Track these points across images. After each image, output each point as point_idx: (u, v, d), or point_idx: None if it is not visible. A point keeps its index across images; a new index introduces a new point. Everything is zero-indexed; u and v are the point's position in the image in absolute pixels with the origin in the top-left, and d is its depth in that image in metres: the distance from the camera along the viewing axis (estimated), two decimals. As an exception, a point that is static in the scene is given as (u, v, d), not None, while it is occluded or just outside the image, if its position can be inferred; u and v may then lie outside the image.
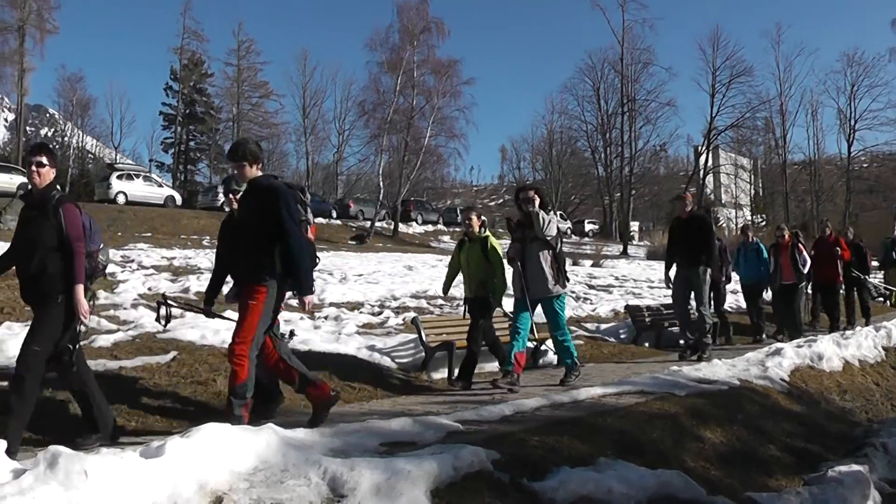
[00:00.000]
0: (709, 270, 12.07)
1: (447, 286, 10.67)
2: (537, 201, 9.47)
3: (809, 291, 18.29)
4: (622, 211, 67.89)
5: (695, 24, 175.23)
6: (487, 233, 10.17)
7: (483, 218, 10.41)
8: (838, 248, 16.92)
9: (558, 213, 68.62)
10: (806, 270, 15.74)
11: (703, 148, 69.85)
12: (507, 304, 10.43)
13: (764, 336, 15.92)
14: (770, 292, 16.57)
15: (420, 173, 61.86)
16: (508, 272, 9.85)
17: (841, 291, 18.38)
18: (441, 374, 10.49)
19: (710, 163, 71.34)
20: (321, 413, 6.83)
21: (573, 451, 6.01)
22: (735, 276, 16.66)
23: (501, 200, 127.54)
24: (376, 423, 6.28)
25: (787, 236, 16.00)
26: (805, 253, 15.59)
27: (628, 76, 67.22)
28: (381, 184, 57.15)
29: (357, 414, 7.58)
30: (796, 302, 15.36)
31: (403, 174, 58.18)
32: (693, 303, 12.31)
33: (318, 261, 7.45)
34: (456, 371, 10.29)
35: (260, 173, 6.75)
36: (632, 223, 70.45)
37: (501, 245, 10.23)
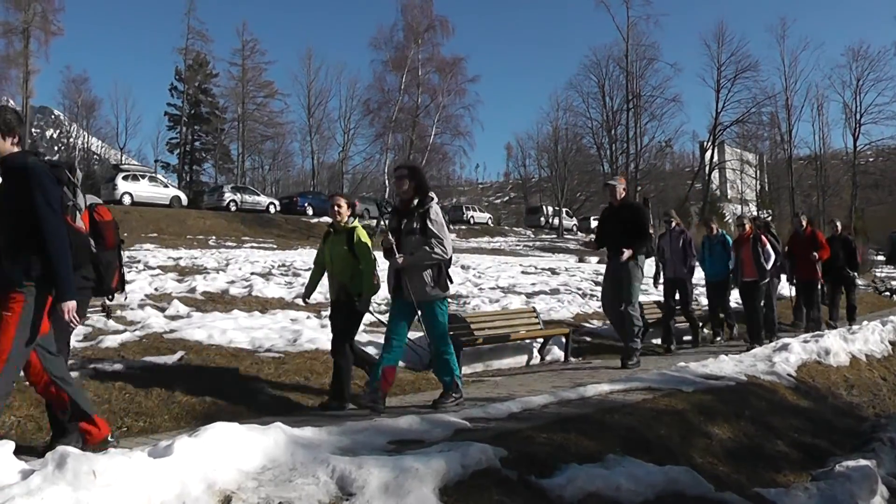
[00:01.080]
0: (639, 264, 10.96)
1: (310, 290, 8.97)
2: (407, 184, 8.07)
3: (784, 292, 18.22)
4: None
5: (699, 20, 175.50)
6: (356, 223, 8.56)
7: (356, 203, 9.39)
8: (815, 254, 15.96)
9: (564, 210, 68.88)
10: (770, 266, 13.77)
11: (709, 143, 69.77)
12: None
13: (722, 336, 15.32)
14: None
15: (426, 171, 61.68)
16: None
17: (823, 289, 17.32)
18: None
19: (715, 158, 71.26)
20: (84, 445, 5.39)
21: (581, 448, 6.02)
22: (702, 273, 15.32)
23: (507, 198, 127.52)
24: (384, 421, 6.29)
25: (748, 228, 14.21)
26: (769, 247, 13.86)
27: (633, 72, 66.98)
28: (387, 182, 57.15)
29: (364, 412, 7.58)
30: (757, 300, 13.71)
31: (409, 172, 58.16)
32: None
33: (94, 252, 6.25)
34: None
35: (16, 149, 5.43)
36: (647, 222, 70.09)
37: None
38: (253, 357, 9.59)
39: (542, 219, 72.68)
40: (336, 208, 8.38)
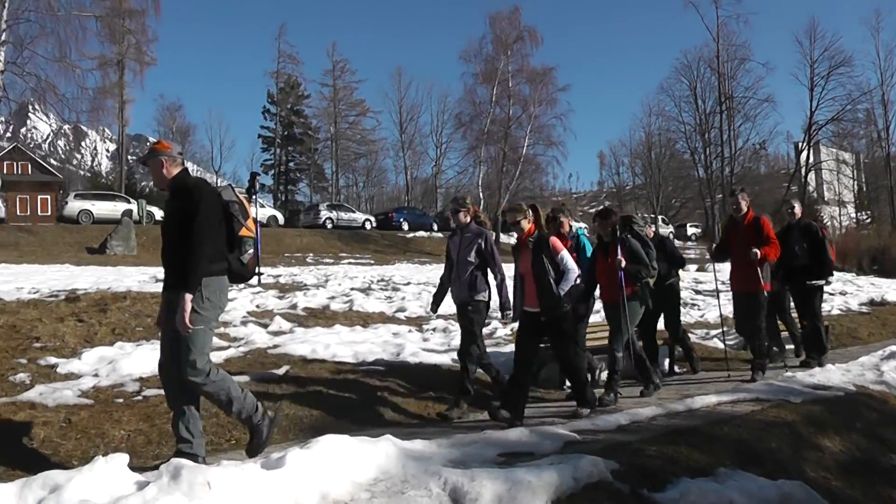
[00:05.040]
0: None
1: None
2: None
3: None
4: (724, 213, 65.98)
5: (790, 16, 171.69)
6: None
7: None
8: (756, 251, 10.34)
9: (659, 217, 67.95)
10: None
11: (804, 144, 68.04)
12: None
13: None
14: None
15: (519, 183, 61.70)
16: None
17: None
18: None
19: (811, 159, 69.43)
20: None
21: (692, 462, 5.91)
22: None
23: (601, 207, 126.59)
24: (493, 433, 6.26)
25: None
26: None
27: (725, 73, 65.47)
28: (481, 195, 57.19)
29: (473, 424, 7.55)
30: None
31: (502, 185, 58.21)
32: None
33: None
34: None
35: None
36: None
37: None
38: (357, 371, 9.65)
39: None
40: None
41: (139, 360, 9.33)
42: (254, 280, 6.66)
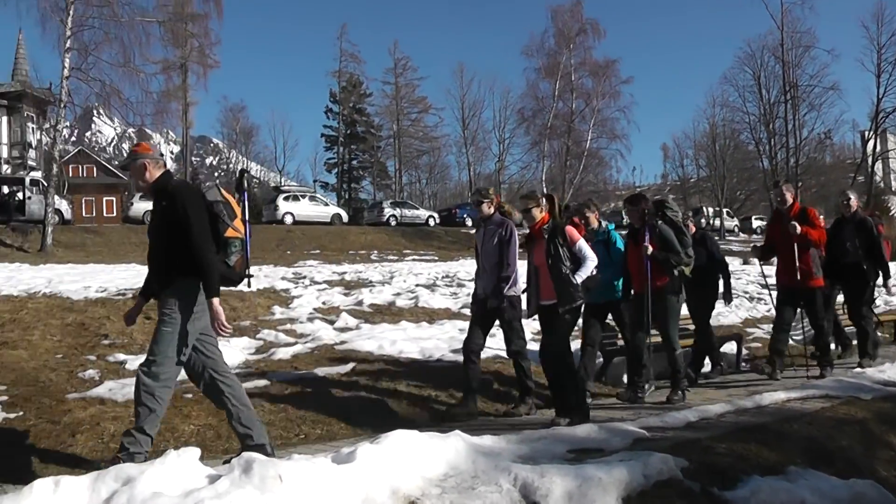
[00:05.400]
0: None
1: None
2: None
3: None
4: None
5: (856, 1, 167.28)
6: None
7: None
8: (795, 224, 9.69)
9: (724, 210, 67.05)
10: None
11: (871, 133, 66.34)
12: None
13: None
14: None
15: (583, 177, 61.40)
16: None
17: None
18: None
19: (878, 148, 67.69)
20: None
21: (761, 460, 5.84)
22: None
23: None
24: (562, 429, 6.24)
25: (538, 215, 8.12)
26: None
27: (789, 62, 63.90)
28: (545, 190, 56.95)
29: (540, 420, 7.52)
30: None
31: (566, 179, 57.97)
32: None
33: None
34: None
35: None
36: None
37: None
38: (423, 366, 9.66)
39: (703, 220, 70.87)
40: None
41: (208, 355, 9.43)
42: (246, 282, 6.30)
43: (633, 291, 9.10)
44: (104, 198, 58.65)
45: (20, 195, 35.00)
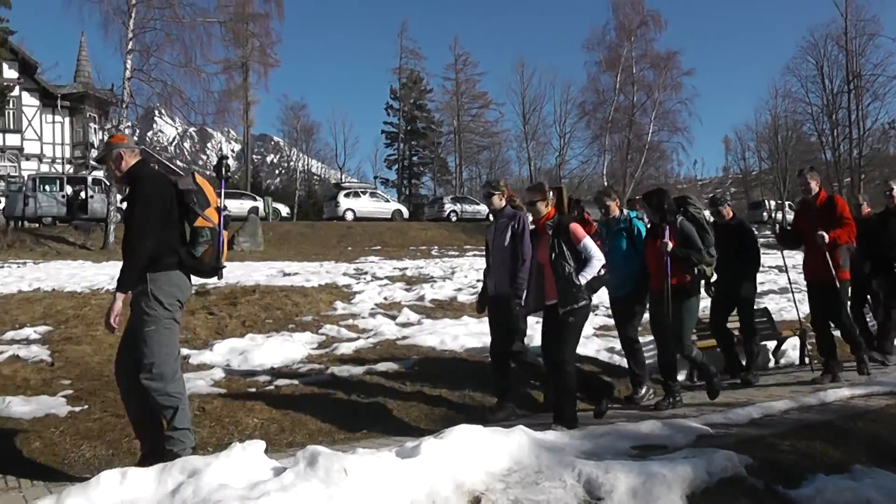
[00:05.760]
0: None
1: None
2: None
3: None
4: (852, 197, 62.94)
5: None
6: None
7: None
8: (823, 234, 9.09)
9: (786, 203, 66.02)
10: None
11: (937, 123, 64.97)
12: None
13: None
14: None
15: (644, 171, 61.03)
16: None
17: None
18: (681, 376, 10.03)
19: (944, 138, 66.21)
20: None
21: (826, 457, 5.73)
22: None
23: (728, 193, 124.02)
24: (625, 425, 6.17)
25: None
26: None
27: (853, 50, 62.89)
28: (606, 184, 56.60)
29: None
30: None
31: (627, 173, 57.69)
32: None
33: None
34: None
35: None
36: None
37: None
38: (486, 361, 9.58)
39: (765, 213, 69.88)
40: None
41: (270, 351, 9.52)
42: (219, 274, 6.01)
43: (651, 291, 8.61)
44: (166, 196, 59.46)
45: (83, 194, 35.61)
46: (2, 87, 40.44)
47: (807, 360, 11.13)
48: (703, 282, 8.78)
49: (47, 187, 36.09)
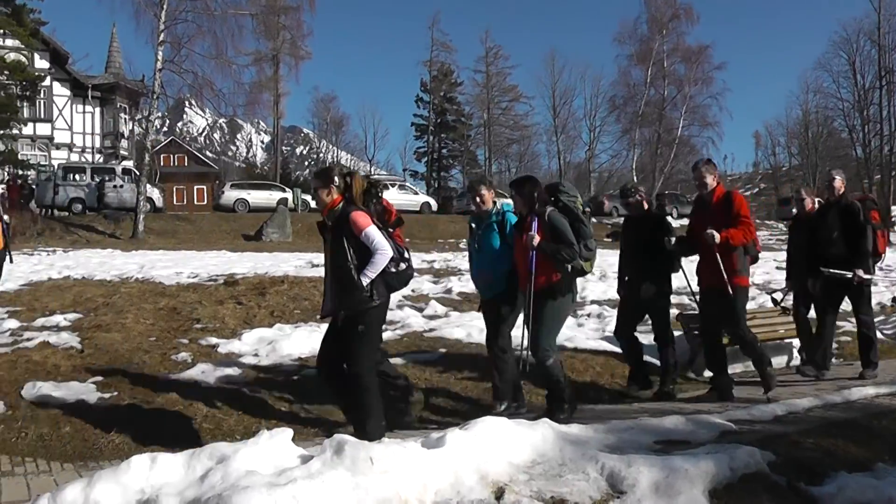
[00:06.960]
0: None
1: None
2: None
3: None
4: (882, 194, 61.72)
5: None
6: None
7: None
8: (712, 233, 7.99)
9: (816, 199, 65.26)
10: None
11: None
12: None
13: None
14: None
15: (673, 165, 60.72)
16: None
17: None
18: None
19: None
20: None
21: (849, 455, 5.68)
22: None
23: (757, 189, 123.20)
24: (648, 420, 6.18)
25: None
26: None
27: (885, 46, 62.22)
28: (635, 178, 56.41)
29: (627, 411, 7.49)
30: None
31: (657, 167, 57.45)
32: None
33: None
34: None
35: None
36: (893, 207, 65.41)
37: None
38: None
39: (794, 210, 69.14)
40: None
41: (298, 341, 9.58)
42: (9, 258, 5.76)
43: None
44: (195, 186, 59.86)
45: (112, 184, 35.96)
46: (33, 77, 40.72)
47: (833, 359, 10.99)
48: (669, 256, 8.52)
49: (77, 177, 36.46)
